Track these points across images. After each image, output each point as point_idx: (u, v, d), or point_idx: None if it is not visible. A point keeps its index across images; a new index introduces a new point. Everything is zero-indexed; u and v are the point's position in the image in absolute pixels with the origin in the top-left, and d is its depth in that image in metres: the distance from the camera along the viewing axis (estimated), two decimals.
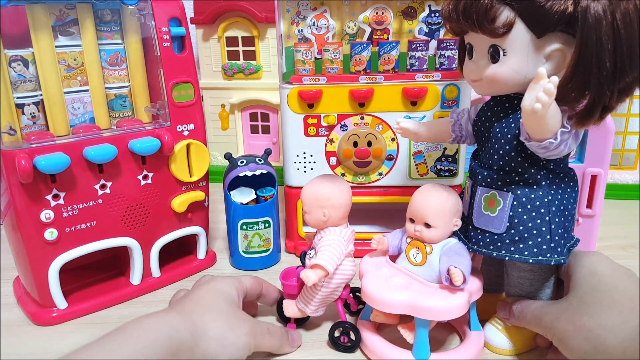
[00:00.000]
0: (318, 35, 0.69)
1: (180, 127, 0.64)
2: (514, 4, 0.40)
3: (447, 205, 0.49)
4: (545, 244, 0.45)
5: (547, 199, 0.46)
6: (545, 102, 0.37)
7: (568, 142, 0.42)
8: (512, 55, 0.42)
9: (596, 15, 0.36)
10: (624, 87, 0.39)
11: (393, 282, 0.49)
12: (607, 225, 0.74)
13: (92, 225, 0.59)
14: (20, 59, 0.54)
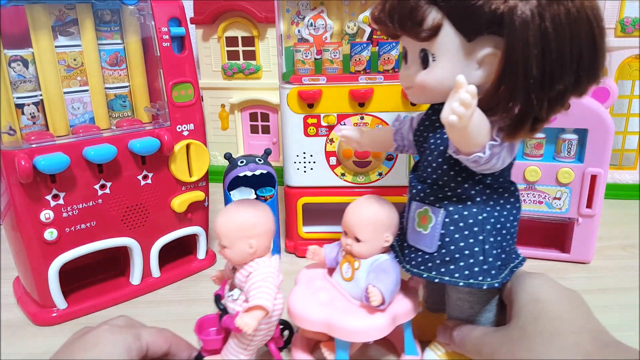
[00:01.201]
0: (316, 36, 0.69)
1: (180, 127, 0.64)
2: (441, 5, 0.36)
3: (377, 219, 0.46)
4: (478, 266, 0.41)
5: (481, 217, 0.42)
6: (462, 114, 0.33)
7: (501, 156, 0.39)
8: (442, 61, 0.38)
9: (523, 17, 0.33)
10: (555, 96, 0.36)
11: (318, 297, 0.47)
12: (607, 225, 0.74)
13: (92, 226, 0.59)
14: (20, 59, 0.54)
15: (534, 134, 0.38)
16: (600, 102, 0.64)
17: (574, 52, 0.34)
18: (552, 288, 0.41)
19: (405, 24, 0.38)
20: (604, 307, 0.60)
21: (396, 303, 0.46)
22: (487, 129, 0.37)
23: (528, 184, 0.69)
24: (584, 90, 0.37)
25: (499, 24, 0.35)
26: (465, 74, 0.35)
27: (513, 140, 0.38)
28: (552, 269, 0.70)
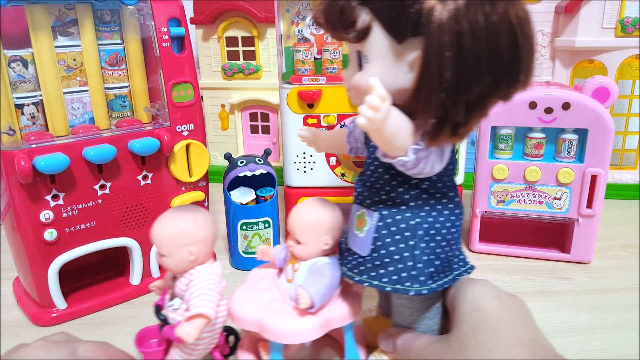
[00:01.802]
0: (317, 36, 0.69)
1: (180, 127, 0.64)
2: (370, 6, 0.35)
3: (317, 222, 0.46)
4: (406, 272, 0.40)
5: (413, 222, 0.41)
6: (371, 117, 0.33)
7: (429, 160, 0.38)
8: (373, 63, 0.37)
9: (440, 19, 0.32)
10: (472, 101, 0.35)
11: (258, 298, 0.46)
12: (608, 225, 0.74)
13: (92, 226, 0.59)
14: (19, 59, 0.54)
15: (458, 139, 0.38)
16: (601, 102, 0.64)
17: (492, 57, 0.33)
18: (493, 296, 0.40)
19: (336, 25, 0.37)
20: (604, 307, 0.60)
21: (332, 306, 0.45)
22: (407, 132, 0.36)
23: (528, 184, 0.69)
24: (508, 94, 0.37)
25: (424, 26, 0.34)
26: (397, 76, 0.36)
27: (436, 144, 0.37)
28: (552, 269, 0.70)
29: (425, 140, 0.37)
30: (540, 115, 0.66)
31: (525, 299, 0.62)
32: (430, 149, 0.37)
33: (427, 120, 0.36)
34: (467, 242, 0.77)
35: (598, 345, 0.53)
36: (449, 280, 0.42)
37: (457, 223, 0.44)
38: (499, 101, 0.37)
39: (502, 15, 0.33)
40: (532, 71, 0.36)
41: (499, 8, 0.33)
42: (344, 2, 0.36)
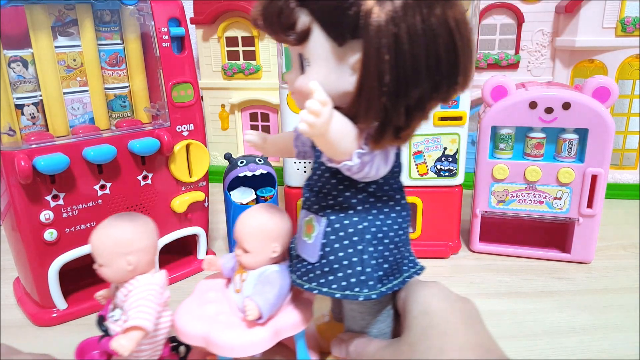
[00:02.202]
0: None
1: (180, 127, 0.64)
2: (309, 7, 0.34)
3: (264, 230, 0.45)
4: (355, 277, 0.40)
5: (361, 226, 0.41)
6: (311, 122, 0.32)
7: (373, 164, 0.37)
8: (315, 65, 0.36)
9: (379, 21, 0.32)
10: (412, 104, 0.35)
11: (204, 310, 0.45)
12: (608, 225, 0.74)
13: (92, 226, 0.59)
14: (19, 59, 0.54)
15: (401, 142, 0.37)
16: (601, 102, 0.64)
17: (431, 60, 0.33)
18: (443, 298, 0.40)
19: (275, 27, 0.36)
20: (604, 307, 0.60)
21: (282, 315, 0.44)
22: (351, 136, 0.36)
23: (528, 184, 0.69)
24: (447, 97, 0.36)
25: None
26: (340, 79, 0.35)
27: (380, 148, 0.36)
28: (552, 269, 0.70)
29: (369, 143, 0.36)
30: (541, 115, 0.66)
31: (526, 298, 0.62)
32: (374, 153, 0.37)
33: (370, 124, 0.36)
34: (467, 241, 0.77)
35: (598, 346, 0.53)
36: (399, 283, 0.42)
37: (405, 225, 0.43)
38: (439, 103, 0.37)
39: (440, 18, 0.33)
40: (470, 73, 0.36)
41: (437, 11, 0.33)
42: (282, 3, 0.34)
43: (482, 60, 1.00)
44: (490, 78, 0.68)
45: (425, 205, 0.71)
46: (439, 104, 0.37)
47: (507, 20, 0.98)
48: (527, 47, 0.99)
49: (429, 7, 0.32)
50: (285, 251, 0.47)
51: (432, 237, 0.73)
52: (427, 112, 0.37)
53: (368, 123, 0.36)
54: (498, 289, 0.65)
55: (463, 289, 0.65)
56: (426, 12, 0.32)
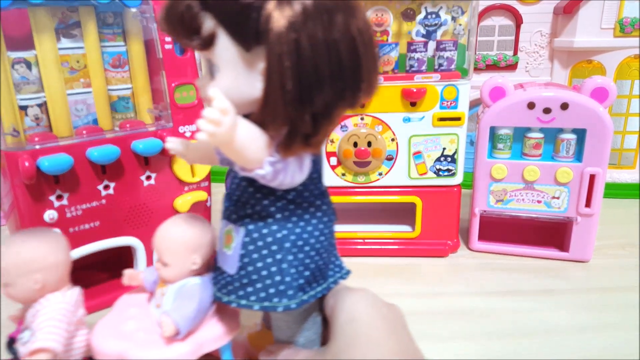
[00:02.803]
0: None
1: (183, 128, 0.64)
2: (213, 12, 0.33)
3: (181, 241, 0.43)
4: (274, 287, 0.39)
5: (280, 235, 0.40)
6: (211, 132, 0.31)
7: (288, 172, 0.37)
8: (223, 72, 0.35)
9: (279, 27, 0.31)
10: (318, 111, 0.34)
11: (123, 327, 0.43)
12: (606, 225, 0.75)
13: (96, 226, 0.59)
14: (23, 61, 0.55)
15: (312, 149, 0.37)
16: (599, 102, 0.65)
17: (334, 68, 0.33)
18: (369, 305, 0.40)
19: (178, 32, 0.35)
20: (603, 306, 0.60)
21: (204, 329, 0.43)
22: (260, 144, 0.35)
23: (527, 183, 0.70)
24: (353, 103, 0.36)
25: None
26: (250, 86, 0.34)
27: (290, 155, 0.36)
28: (550, 267, 0.70)
29: (280, 151, 0.35)
30: (539, 115, 0.67)
31: (524, 297, 0.63)
32: (288, 160, 0.36)
33: (279, 131, 0.35)
34: (466, 241, 0.77)
35: (597, 345, 0.53)
36: (322, 290, 0.42)
37: (327, 231, 0.43)
38: (346, 109, 0.37)
39: (342, 26, 0.33)
40: (375, 79, 0.37)
41: (338, 19, 0.32)
42: (185, 7, 0.33)
43: (481, 61, 1.00)
44: (489, 79, 0.69)
45: (425, 204, 0.72)
46: (346, 110, 0.37)
47: (505, 22, 0.99)
48: (525, 48, 1.00)
49: (330, 15, 0.32)
50: (208, 262, 0.45)
51: (431, 236, 0.74)
52: (335, 118, 0.36)
53: (276, 130, 0.35)
54: (497, 287, 0.66)
55: (462, 287, 0.66)
56: (327, 19, 0.32)
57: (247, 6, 0.32)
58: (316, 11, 0.32)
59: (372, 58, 0.35)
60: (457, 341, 0.54)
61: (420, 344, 0.53)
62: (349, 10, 0.33)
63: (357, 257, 0.75)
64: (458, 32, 0.69)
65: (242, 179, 0.40)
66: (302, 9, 0.32)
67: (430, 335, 0.55)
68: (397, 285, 0.67)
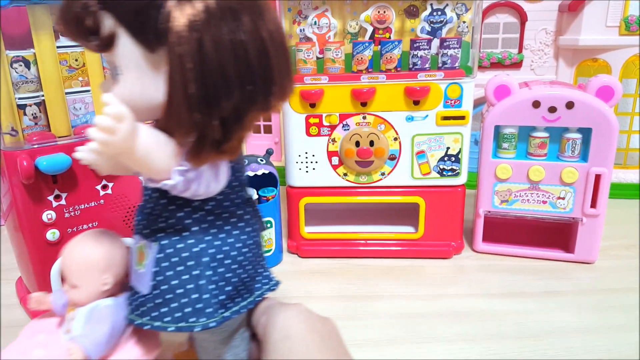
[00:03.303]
0: (319, 35, 0.69)
1: None
2: (112, 10, 0.31)
3: (91, 261, 0.40)
4: (190, 306, 0.37)
5: (197, 249, 0.37)
6: (104, 141, 0.29)
7: (202, 181, 0.35)
8: (128, 74, 0.33)
9: (178, 26, 0.30)
10: (228, 116, 0.32)
11: (31, 355, 0.40)
12: (612, 225, 0.74)
13: (94, 226, 0.59)
14: (21, 59, 0.54)
15: (226, 156, 0.35)
16: (605, 101, 0.64)
17: (242, 71, 0.32)
18: (303, 321, 0.39)
19: (75, 32, 0.32)
20: (608, 307, 0.60)
21: (120, 353, 0.40)
22: (166, 153, 0.33)
23: (532, 183, 0.69)
24: (266, 107, 0.35)
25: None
26: (156, 89, 0.32)
27: (200, 163, 0.34)
28: (556, 269, 0.70)
29: (189, 159, 0.33)
30: (544, 115, 0.66)
31: (529, 299, 0.62)
32: (201, 169, 0.34)
33: (186, 138, 0.33)
34: (470, 242, 0.77)
35: (602, 346, 0.53)
36: (248, 304, 0.40)
37: (250, 242, 0.40)
38: (260, 114, 0.35)
39: (250, 28, 0.31)
40: (288, 83, 0.35)
41: (245, 21, 0.31)
42: (80, 6, 0.31)
43: (485, 59, 0.99)
44: (493, 77, 0.68)
45: (428, 205, 0.71)
46: (260, 115, 0.35)
47: (510, 19, 0.98)
48: (530, 46, 0.99)
49: (236, 15, 0.31)
50: (122, 281, 0.43)
51: (435, 237, 0.73)
52: (247, 124, 0.34)
53: (183, 137, 0.33)
54: (501, 289, 0.65)
55: (466, 289, 0.65)
56: (232, 20, 0.31)
57: (147, 4, 0.30)
58: (220, 11, 0.30)
59: (285, 61, 0.34)
60: (461, 343, 0.54)
61: (424, 345, 0.53)
62: (258, 12, 0.32)
63: (359, 259, 0.74)
64: (462, 30, 0.68)
65: (153, 190, 0.38)
66: (204, 7, 0.30)
67: (434, 337, 0.55)
68: (400, 287, 0.66)
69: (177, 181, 0.34)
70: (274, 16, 0.34)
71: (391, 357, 0.52)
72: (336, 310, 0.61)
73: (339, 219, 0.79)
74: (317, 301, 0.63)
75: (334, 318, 0.59)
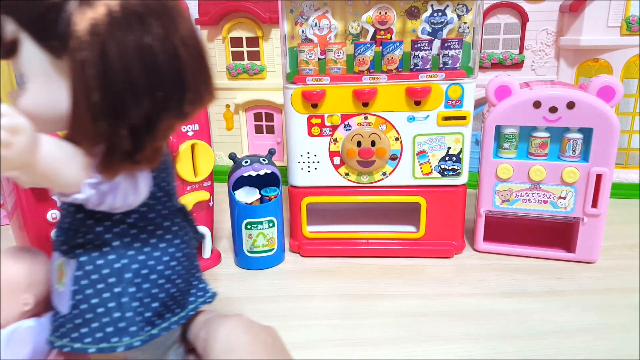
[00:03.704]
0: (320, 36, 0.70)
1: (185, 127, 0.64)
2: (13, 14, 0.29)
3: (8, 279, 0.39)
4: (112, 325, 0.35)
5: (119, 265, 0.36)
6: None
7: (118, 194, 0.33)
8: (33, 82, 0.31)
9: (80, 31, 0.28)
10: (138, 125, 0.30)
11: None
12: (613, 225, 0.74)
13: None
14: None
15: (143, 167, 0.33)
16: (606, 101, 0.64)
17: (151, 76, 0.30)
18: (246, 332, 0.38)
19: None
20: (609, 307, 0.60)
21: None
22: (74, 165, 0.31)
23: (533, 183, 0.69)
24: (182, 114, 0.33)
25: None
26: (65, 97, 0.31)
27: (113, 175, 0.32)
28: (557, 268, 0.70)
29: (101, 172, 0.32)
30: (545, 115, 0.66)
31: (531, 298, 0.62)
32: (116, 181, 0.32)
33: (93, 149, 0.31)
34: (471, 241, 0.77)
35: (603, 346, 0.53)
36: (178, 319, 0.39)
37: (179, 255, 0.39)
38: (176, 121, 0.33)
39: (158, 30, 0.30)
40: (205, 88, 0.34)
41: (153, 22, 0.30)
42: None
43: (486, 59, 0.99)
44: (494, 77, 0.68)
45: (429, 205, 0.72)
46: (178, 123, 0.34)
47: (511, 20, 0.98)
48: (531, 46, 0.99)
49: (142, 19, 0.29)
50: (46, 301, 0.41)
51: (436, 236, 0.73)
52: (161, 132, 0.32)
53: (90, 148, 0.31)
54: (502, 288, 0.65)
55: (467, 288, 0.65)
56: (138, 24, 0.29)
57: (47, 7, 0.29)
58: (124, 15, 0.29)
59: (200, 66, 0.33)
60: (462, 342, 0.54)
61: (425, 345, 0.53)
62: (168, 16, 0.31)
63: (360, 258, 0.75)
64: (463, 31, 0.69)
65: (70, 203, 0.35)
66: (107, 11, 0.29)
67: (435, 337, 0.55)
68: (401, 287, 0.66)
69: (88, 195, 0.32)
70: (188, 20, 0.32)
71: (392, 356, 0.52)
72: (338, 309, 0.61)
73: (341, 219, 0.79)
74: (319, 300, 0.63)
75: (335, 317, 0.60)
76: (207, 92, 0.34)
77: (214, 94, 0.35)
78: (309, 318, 0.59)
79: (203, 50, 0.33)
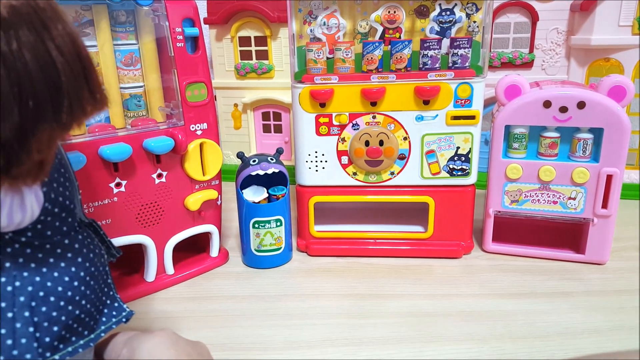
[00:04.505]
0: (328, 35, 0.70)
1: (194, 126, 0.64)
2: None
3: None
4: (3, 354, 0.33)
5: (11, 288, 0.33)
6: None
7: (3, 212, 0.31)
8: None
9: None
10: (8, 138, 0.28)
11: None
12: (623, 226, 0.73)
13: (107, 223, 0.59)
14: None
15: (24, 182, 0.30)
16: (617, 101, 0.63)
17: (22, 85, 0.28)
18: (171, 347, 0.37)
19: None
20: (619, 308, 0.59)
21: None
22: None
23: (542, 183, 0.69)
24: (60, 124, 0.30)
25: None
26: None
27: None
28: (566, 269, 0.69)
29: None
30: (555, 114, 0.66)
31: (539, 299, 0.62)
32: None
33: None
34: (480, 242, 0.76)
35: (612, 347, 0.52)
36: (87, 342, 0.37)
37: (83, 274, 0.37)
38: (57, 133, 0.31)
39: (28, 37, 0.28)
40: (86, 95, 0.31)
41: (20, 29, 0.27)
42: None
43: (496, 59, 0.99)
44: (504, 77, 0.68)
45: (438, 205, 0.71)
46: (60, 133, 0.31)
47: (521, 19, 0.97)
48: (541, 45, 0.98)
49: (7, 27, 0.27)
50: None
51: (444, 237, 0.73)
52: (40, 145, 0.30)
53: None
54: (511, 289, 0.65)
55: (475, 289, 0.65)
56: (4, 34, 0.27)
57: None
58: None
59: (78, 70, 0.30)
60: (470, 343, 0.54)
61: (433, 345, 0.53)
62: (40, 21, 0.28)
63: (368, 258, 0.75)
64: (473, 30, 0.68)
65: None
66: None
67: (442, 337, 0.55)
68: (409, 287, 0.66)
69: None
70: (66, 25, 0.30)
71: (399, 356, 0.52)
72: (344, 308, 0.61)
73: (348, 218, 0.79)
74: (326, 299, 0.63)
75: (342, 316, 0.60)
76: (91, 98, 0.32)
77: (99, 100, 0.32)
78: (316, 317, 0.59)
79: (83, 54, 0.31)
